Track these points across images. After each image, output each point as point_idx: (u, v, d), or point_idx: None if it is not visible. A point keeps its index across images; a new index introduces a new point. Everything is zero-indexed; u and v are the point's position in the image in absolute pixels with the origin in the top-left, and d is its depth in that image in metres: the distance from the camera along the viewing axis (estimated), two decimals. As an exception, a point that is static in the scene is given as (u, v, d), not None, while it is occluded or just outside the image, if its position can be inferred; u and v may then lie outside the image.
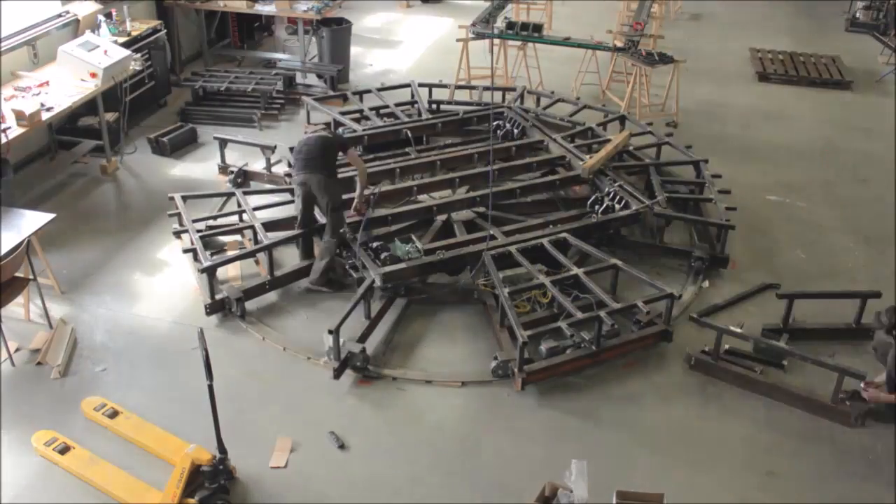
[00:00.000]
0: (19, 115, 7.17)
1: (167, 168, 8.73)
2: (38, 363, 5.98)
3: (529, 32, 10.48)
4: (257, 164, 8.39)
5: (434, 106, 9.58)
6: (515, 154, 8.56)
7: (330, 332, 5.87)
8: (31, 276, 6.24)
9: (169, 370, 6.04)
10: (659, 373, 6.15)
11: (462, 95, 10.09)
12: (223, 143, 8.37)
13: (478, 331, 6.49)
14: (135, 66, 8.55)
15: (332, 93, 10.15)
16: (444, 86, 9.98)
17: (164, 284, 6.92)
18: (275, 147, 8.32)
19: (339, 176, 6.95)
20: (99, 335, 6.34)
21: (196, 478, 4.99)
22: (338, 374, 5.90)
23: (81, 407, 5.55)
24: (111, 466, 5.13)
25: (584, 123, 8.95)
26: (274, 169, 8.23)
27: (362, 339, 6.12)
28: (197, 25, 11.02)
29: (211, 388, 4.71)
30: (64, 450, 5.19)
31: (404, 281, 6.58)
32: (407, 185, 7.77)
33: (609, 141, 8.39)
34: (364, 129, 8.60)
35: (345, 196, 6.94)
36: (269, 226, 7.01)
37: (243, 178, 8.18)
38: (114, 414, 5.48)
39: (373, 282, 6.36)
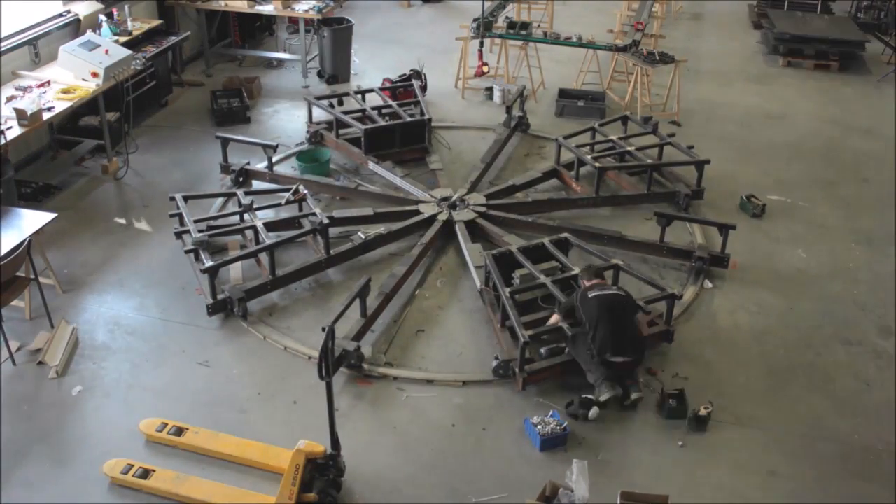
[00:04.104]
0: (20, 115, 7.17)
1: (168, 167, 8.73)
2: (39, 363, 5.99)
3: (517, 31, 10.52)
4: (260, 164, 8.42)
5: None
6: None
7: (323, 329, 5.84)
8: (32, 276, 6.25)
9: (170, 370, 6.04)
10: (660, 373, 6.15)
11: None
12: (225, 142, 8.37)
13: (478, 331, 6.50)
14: (136, 65, 8.55)
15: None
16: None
17: (165, 284, 6.93)
18: (276, 146, 8.32)
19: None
20: (100, 335, 6.34)
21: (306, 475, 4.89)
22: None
23: (140, 430, 5.44)
24: (205, 481, 5.07)
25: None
26: (276, 168, 8.24)
27: (357, 337, 6.10)
28: (198, 25, 11.02)
29: (329, 385, 4.75)
30: (145, 474, 5.06)
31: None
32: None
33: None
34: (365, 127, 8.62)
35: None
36: (271, 226, 7.01)
37: (245, 177, 8.19)
38: (179, 431, 5.38)
39: (368, 280, 6.30)
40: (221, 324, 6.49)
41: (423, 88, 10.09)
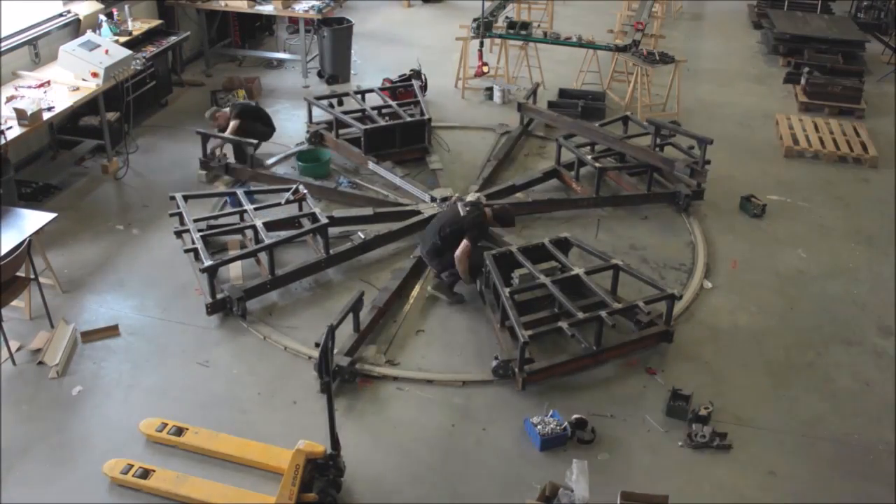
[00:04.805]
0: (20, 115, 7.17)
1: (168, 167, 8.73)
2: (39, 363, 5.99)
3: (517, 31, 10.53)
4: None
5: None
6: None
7: (316, 344, 5.83)
8: (32, 276, 6.25)
9: (170, 370, 6.04)
10: (660, 373, 6.15)
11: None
12: (205, 138, 8.39)
13: (478, 331, 6.50)
14: (136, 65, 8.54)
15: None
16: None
17: (165, 284, 6.93)
18: (257, 143, 8.32)
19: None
20: (100, 335, 6.35)
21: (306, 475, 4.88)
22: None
23: (140, 430, 5.42)
24: (205, 481, 5.05)
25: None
26: (276, 168, 8.26)
27: (351, 352, 6.01)
28: (198, 25, 11.02)
29: (328, 384, 4.81)
30: (145, 474, 5.04)
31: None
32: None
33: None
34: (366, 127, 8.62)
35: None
36: (271, 225, 7.01)
37: (224, 172, 8.28)
38: (179, 431, 5.36)
39: (361, 294, 6.23)
40: (221, 323, 6.48)
41: (423, 88, 10.10)
